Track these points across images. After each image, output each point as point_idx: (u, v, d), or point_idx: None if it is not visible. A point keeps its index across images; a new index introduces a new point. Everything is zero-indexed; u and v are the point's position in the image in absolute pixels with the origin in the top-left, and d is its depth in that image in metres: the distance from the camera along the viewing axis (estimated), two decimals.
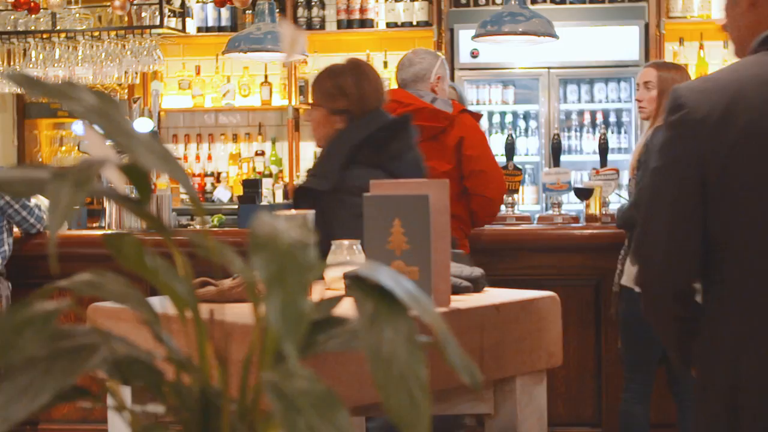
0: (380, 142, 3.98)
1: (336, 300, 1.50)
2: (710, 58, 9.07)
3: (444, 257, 2.46)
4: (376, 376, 1.22)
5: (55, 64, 8.85)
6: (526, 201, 8.54)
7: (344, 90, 4.09)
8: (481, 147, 5.28)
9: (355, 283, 1.35)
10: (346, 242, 2.85)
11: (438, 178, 5.13)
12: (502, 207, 5.86)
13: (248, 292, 1.29)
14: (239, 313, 2.02)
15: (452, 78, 8.66)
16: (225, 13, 9.35)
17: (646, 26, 8.74)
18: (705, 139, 2.65)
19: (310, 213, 2.43)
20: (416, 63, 5.43)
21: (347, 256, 2.79)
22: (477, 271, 2.84)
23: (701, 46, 9.08)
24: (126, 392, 1.43)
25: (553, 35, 6.69)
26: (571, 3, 8.84)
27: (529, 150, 8.89)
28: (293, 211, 2.45)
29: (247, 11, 9.13)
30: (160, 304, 1.44)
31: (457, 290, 2.70)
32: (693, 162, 2.65)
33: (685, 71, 5.45)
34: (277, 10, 8.75)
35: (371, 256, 2.48)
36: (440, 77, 5.45)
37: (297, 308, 1.19)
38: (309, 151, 9.41)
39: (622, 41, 8.65)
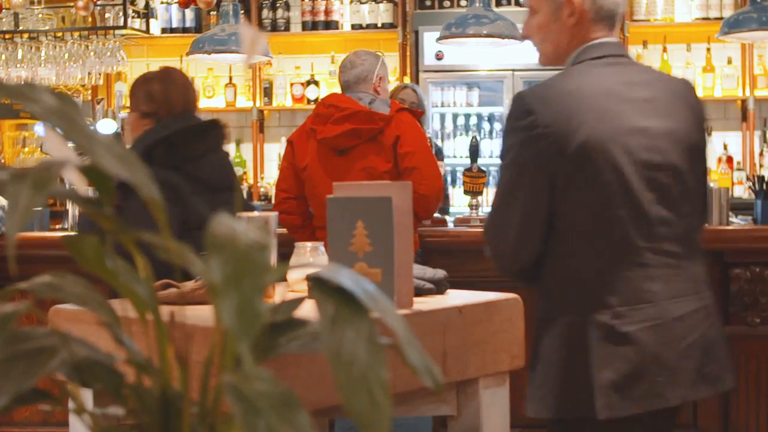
0: (177, 144, 4.12)
1: (297, 302, 1.50)
2: (673, 60, 9.13)
3: (407, 259, 2.47)
4: (337, 377, 1.22)
5: (18, 65, 8.80)
6: (491, 203, 8.54)
7: (152, 95, 4.32)
8: (415, 144, 5.30)
9: (317, 285, 1.35)
10: (309, 244, 2.86)
11: (379, 177, 5.19)
12: (467, 209, 5.91)
13: (209, 294, 1.29)
14: (200, 315, 2.01)
15: (417, 80, 8.68)
16: (189, 14, 9.32)
17: None
18: (553, 143, 2.96)
19: (272, 216, 2.43)
20: (358, 65, 5.47)
21: (310, 258, 2.80)
22: (440, 273, 2.85)
23: (664, 49, 9.13)
24: (87, 395, 1.43)
25: (517, 38, 6.70)
26: None
27: (494, 152, 8.91)
28: (255, 213, 2.45)
29: (211, 12, 9.11)
30: (121, 306, 1.43)
31: (420, 292, 2.71)
32: (543, 165, 2.97)
33: None
34: (242, 12, 8.75)
35: (334, 258, 2.48)
36: (381, 77, 5.51)
37: (252, 310, 1.19)
38: (274, 153, 9.40)
39: None
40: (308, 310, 1.39)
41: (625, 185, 3.00)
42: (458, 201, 8.57)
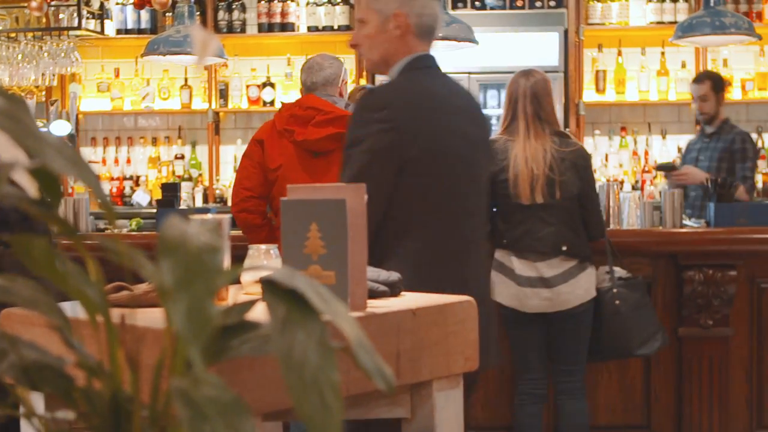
0: None
1: (249, 304, 1.49)
2: (628, 64, 9.19)
3: (361, 261, 2.46)
4: (288, 380, 1.22)
5: None
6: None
7: None
8: None
9: (269, 287, 1.34)
10: (263, 246, 2.85)
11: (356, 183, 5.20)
12: None
13: (159, 297, 1.28)
14: (151, 317, 2.00)
15: (373, 82, 8.67)
16: (144, 15, 9.28)
17: (566, 32, 8.83)
18: (403, 134, 3.55)
19: (225, 218, 2.42)
20: (326, 67, 5.46)
21: (264, 260, 2.79)
22: (394, 276, 2.85)
23: (619, 53, 9.19)
24: (38, 399, 1.42)
25: (473, 41, 6.72)
26: (491, 9, 8.89)
27: None
28: (209, 215, 2.44)
29: (166, 14, 9.07)
30: (72, 309, 1.42)
31: (374, 294, 2.70)
32: (394, 154, 3.55)
33: None
34: (197, 13, 8.72)
35: (288, 260, 2.48)
36: (345, 82, 5.53)
37: (203, 314, 1.18)
38: (229, 155, 9.38)
39: (541, 47, 8.72)
40: (261, 312, 1.38)
41: (455, 179, 3.62)
42: None
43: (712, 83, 7.26)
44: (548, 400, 5.32)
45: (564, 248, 5.04)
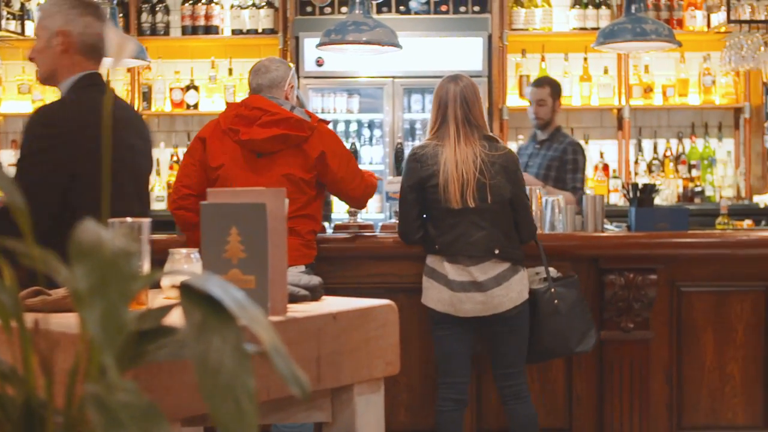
0: None
1: (166, 309, 1.49)
2: (551, 69, 9.26)
3: (281, 266, 2.46)
4: (203, 385, 1.21)
5: None
6: (370, 210, 8.58)
7: None
8: (341, 153, 5.33)
9: (186, 292, 1.34)
10: (183, 250, 2.83)
11: (297, 184, 5.19)
12: (346, 216, 5.94)
13: (74, 302, 1.27)
14: (66, 322, 1.98)
15: (297, 86, 8.66)
16: None
17: (490, 38, 8.87)
18: (71, 148, 3.86)
19: (145, 222, 2.40)
20: (273, 70, 5.44)
21: (184, 264, 2.77)
22: (315, 280, 2.84)
23: (543, 58, 9.26)
24: None
25: (397, 45, 6.73)
26: (416, 14, 8.92)
27: (374, 159, 8.94)
28: (128, 220, 2.42)
29: None
30: None
31: (295, 299, 2.70)
32: (64, 168, 3.86)
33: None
34: (120, 15, 8.65)
35: (207, 264, 2.46)
36: (292, 86, 5.49)
37: (117, 319, 1.18)
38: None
39: (465, 52, 8.76)
40: (179, 317, 1.37)
41: (121, 188, 4.00)
42: (339, 207, 8.57)
43: (551, 89, 7.32)
44: (468, 404, 5.33)
45: (496, 251, 5.06)
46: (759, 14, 7.31)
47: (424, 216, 5.21)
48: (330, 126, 5.49)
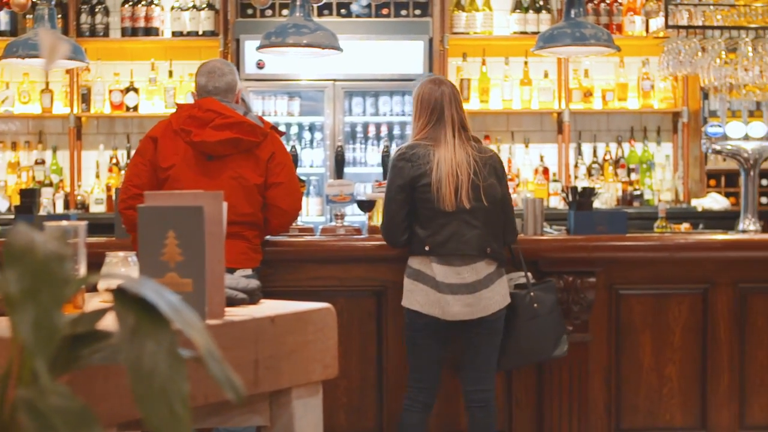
0: None
1: (101, 313, 1.47)
2: (492, 73, 9.30)
3: (218, 269, 2.45)
4: (135, 390, 1.20)
5: None
6: (311, 212, 8.57)
7: None
8: (286, 162, 5.32)
9: (119, 296, 1.33)
10: (120, 254, 2.81)
11: (249, 189, 5.17)
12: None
13: (6, 306, 1.26)
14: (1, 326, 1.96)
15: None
16: (4, 17, 9.10)
17: (431, 41, 8.89)
18: None
19: (81, 225, 2.38)
20: (227, 73, 5.41)
21: (121, 268, 2.75)
22: (253, 283, 2.83)
23: (483, 62, 9.29)
24: None
25: (338, 48, 6.73)
26: (357, 17, 8.92)
27: (314, 162, 8.93)
28: (64, 223, 2.40)
29: (27, 16, 8.89)
30: None
31: (233, 302, 2.69)
32: None
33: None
34: (59, 16, 8.58)
35: (145, 268, 2.45)
36: (241, 90, 5.48)
37: (50, 324, 1.17)
38: (91, 160, 9.24)
39: (406, 55, 8.78)
40: (114, 321, 1.36)
41: None
42: None
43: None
44: (432, 409, 5.32)
45: (488, 250, 5.06)
46: (696, 20, 7.37)
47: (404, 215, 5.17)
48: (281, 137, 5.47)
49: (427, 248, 5.04)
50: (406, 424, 5.21)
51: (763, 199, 9.21)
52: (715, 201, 8.91)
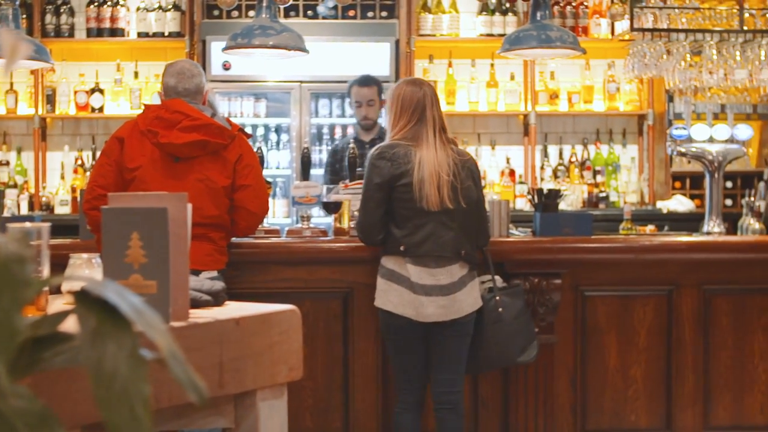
0: None
1: (63, 315, 1.46)
2: (458, 75, 9.31)
3: (183, 271, 2.44)
4: (97, 392, 1.20)
5: None
6: (277, 214, 8.55)
7: None
8: (254, 164, 5.32)
9: (81, 298, 1.32)
10: (84, 255, 2.80)
11: (216, 191, 5.16)
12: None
13: None
14: None
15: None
16: None
17: (397, 43, 8.89)
18: None
19: (44, 226, 2.37)
20: (196, 75, 5.39)
21: (84, 270, 2.74)
22: (218, 285, 2.83)
23: (450, 64, 9.30)
24: None
25: (304, 49, 6.72)
26: (323, 18, 8.91)
27: (281, 163, 8.92)
28: (27, 224, 2.39)
29: None
30: None
31: (197, 304, 2.68)
32: None
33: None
34: (24, 16, 8.54)
35: (108, 269, 2.44)
36: (207, 92, 5.46)
37: (9, 326, 1.16)
38: (56, 162, 9.20)
39: (373, 57, 8.78)
40: (76, 323, 1.35)
41: None
42: None
43: (378, 88, 7.26)
44: (425, 408, 5.32)
45: (463, 253, 5.07)
46: (661, 23, 7.42)
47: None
48: (249, 139, 5.46)
49: (402, 248, 5.05)
50: (401, 427, 5.23)
51: (728, 201, 9.25)
52: (680, 203, 8.96)
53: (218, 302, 2.81)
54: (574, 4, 9.28)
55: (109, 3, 9.03)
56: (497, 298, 5.26)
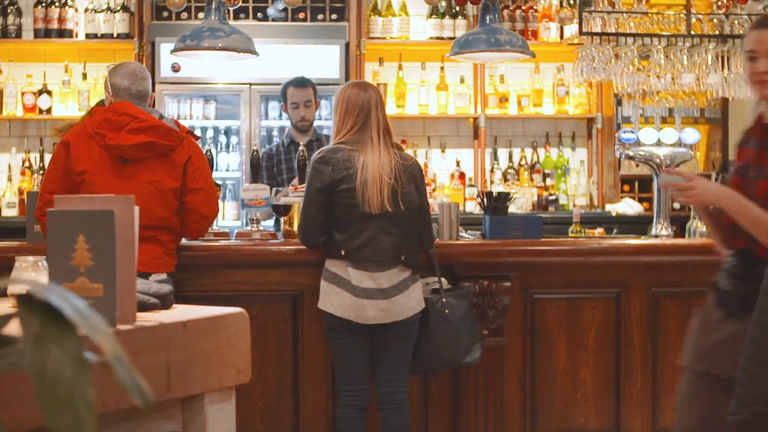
0: None
1: (7, 318, 1.45)
2: (408, 78, 9.32)
3: (130, 274, 2.42)
4: (40, 396, 1.19)
5: None
6: (227, 217, 8.52)
7: None
8: (203, 167, 5.33)
9: (24, 301, 1.31)
10: (31, 258, 2.78)
11: (165, 193, 5.15)
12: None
13: None
14: None
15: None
16: None
17: (347, 46, 8.89)
18: None
19: None
20: (147, 77, 5.41)
21: (30, 273, 2.72)
22: (165, 288, 2.81)
23: (400, 67, 9.31)
24: None
25: (253, 52, 6.70)
26: (273, 20, 8.89)
27: (230, 166, 8.88)
28: None
29: None
30: None
31: (145, 307, 2.66)
32: None
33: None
34: None
35: (54, 273, 2.42)
36: (154, 94, 5.47)
37: None
38: (3, 163, 9.13)
39: (323, 60, 8.76)
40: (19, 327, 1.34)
41: None
42: None
43: (314, 89, 7.23)
44: (369, 410, 5.33)
45: (402, 258, 5.09)
46: (610, 27, 7.45)
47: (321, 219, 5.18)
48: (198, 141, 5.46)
49: (343, 252, 5.09)
50: (343, 430, 5.23)
51: (676, 205, 9.32)
52: (628, 206, 9.01)
53: (166, 305, 2.80)
54: (523, 7, 9.31)
55: (57, 3, 8.96)
56: (444, 299, 5.28)
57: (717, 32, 7.53)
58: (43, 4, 8.95)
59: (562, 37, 9.23)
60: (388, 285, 5.06)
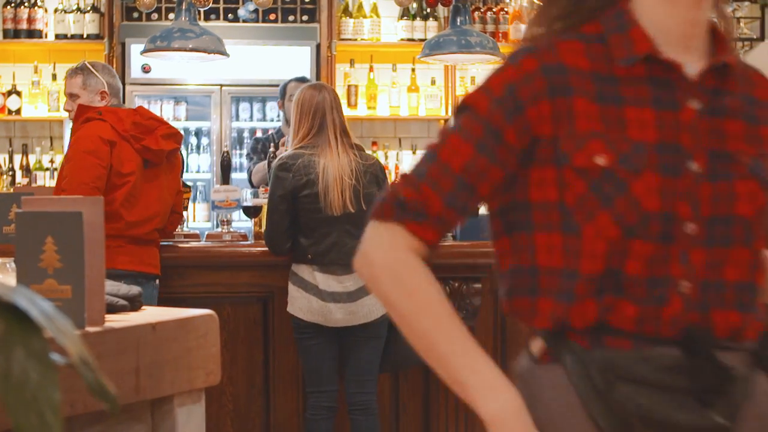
0: None
1: None
2: (379, 80, 9.32)
3: (98, 275, 2.41)
4: (6, 399, 1.18)
5: None
6: (198, 218, 8.51)
7: None
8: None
9: None
10: None
11: (174, 195, 5.20)
12: None
13: None
14: None
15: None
16: None
17: (318, 47, 8.88)
18: None
19: None
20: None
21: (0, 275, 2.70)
22: (135, 290, 2.80)
23: (371, 68, 9.31)
24: None
25: (224, 53, 6.69)
26: (244, 21, 8.88)
27: (201, 167, 8.87)
28: None
29: None
30: None
31: (113, 309, 2.65)
32: None
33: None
34: None
35: (22, 274, 2.40)
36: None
37: None
38: None
39: (294, 61, 8.75)
40: None
41: None
42: None
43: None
44: (338, 412, 5.33)
45: None
46: None
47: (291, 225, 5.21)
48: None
49: (309, 257, 5.11)
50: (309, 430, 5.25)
51: None
52: None
53: (135, 307, 2.78)
54: (494, 9, 9.32)
55: (26, 4, 8.92)
56: None
57: None
58: (13, 5, 8.91)
59: None
60: (354, 287, 5.07)
